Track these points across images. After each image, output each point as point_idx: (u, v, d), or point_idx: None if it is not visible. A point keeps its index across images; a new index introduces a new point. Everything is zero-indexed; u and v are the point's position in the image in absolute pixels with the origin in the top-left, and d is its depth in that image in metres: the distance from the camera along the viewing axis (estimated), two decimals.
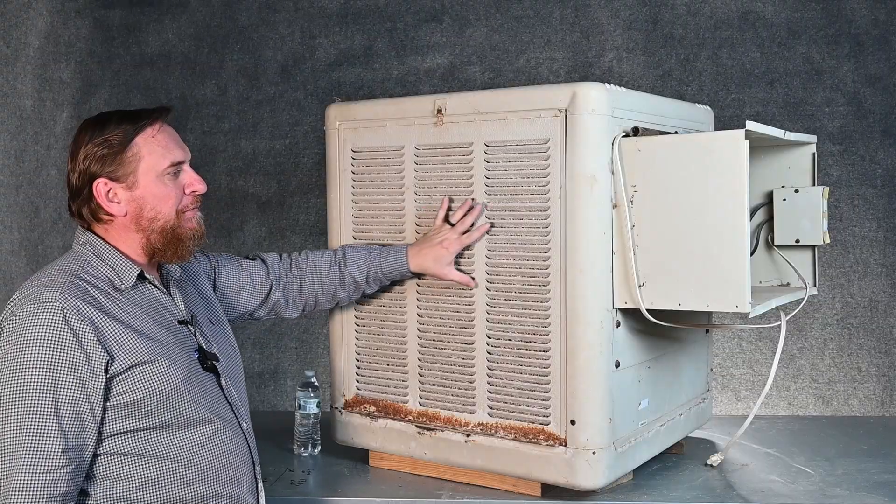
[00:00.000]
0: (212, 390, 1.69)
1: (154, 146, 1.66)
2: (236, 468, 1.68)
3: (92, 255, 1.66)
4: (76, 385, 1.50)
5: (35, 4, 3.53)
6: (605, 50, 3.53)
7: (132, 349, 1.56)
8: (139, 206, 1.66)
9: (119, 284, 1.64)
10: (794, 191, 2.28)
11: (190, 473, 1.61)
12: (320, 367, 3.49)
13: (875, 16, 3.45)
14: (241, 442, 1.72)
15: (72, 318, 1.51)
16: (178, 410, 1.60)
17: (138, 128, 1.66)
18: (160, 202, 1.67)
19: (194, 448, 1.62)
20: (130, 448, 1.57)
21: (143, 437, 1.57)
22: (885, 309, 3.48)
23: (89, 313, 1.54)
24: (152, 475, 1.57)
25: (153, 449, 1.58)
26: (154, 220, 1.67)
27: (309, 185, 3.63)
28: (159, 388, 1.57)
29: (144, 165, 1.65)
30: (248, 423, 1.76)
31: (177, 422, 1.60)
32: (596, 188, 1.88)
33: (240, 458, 1.70)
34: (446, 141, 2.06)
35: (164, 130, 1.69)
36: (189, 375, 1.63)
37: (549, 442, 1.95)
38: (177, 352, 1.64)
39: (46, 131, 3.56)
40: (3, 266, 3.44)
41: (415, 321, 2.13)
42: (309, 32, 3.62)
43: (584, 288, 1.89)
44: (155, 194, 1.66)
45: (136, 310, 1.63)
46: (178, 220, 1.68)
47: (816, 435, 2.51)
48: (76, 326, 1.51)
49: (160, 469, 1.58)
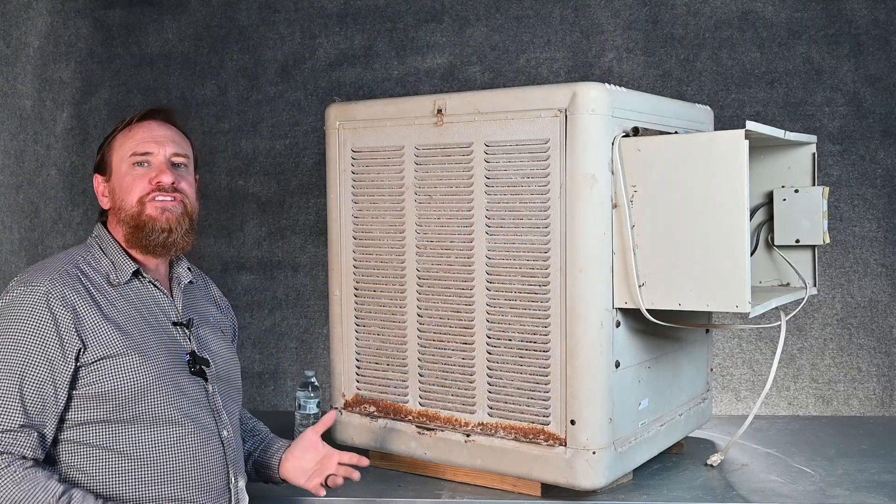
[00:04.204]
0: (194, 394, 1.68)
1: (126, 139, 1.74)
2: (204, 475, 1.66)
3: (98, 247, 1.73)
4: (45, 367, 1.56)
5: (35, 4, 3.53)
6: (605, 50, 3.53)
7: (105, 341, 1.60)
8: (114, 196, 1.74)
9: (114, 279, 1.68)
10: (794, 191, 2.28)
11: (151, 472, 1.61)
12: (320, 367, 3.49)
13: (875, 16, 3.45)
14: (217, 450, 1.69)
15: (55, 303, 1.58)
16: (147, 408, 1.61)
17: (126, 123, 1.76)
18: (124, 191, 1.73)
19: (159, 448, 1.62)
20: (94, 440, 1.58)
21: (108, 430, 1.59)
22: (885, 309, 3.48)
23: (73, 301, 1.60)
24: (113, 469, 1.59)
25: (116, 443, 1.59)
26: (121, 209, 1.72)
27: (309, 185, 3.63)
28: (127, 382, 1.59)
29: (116, 157, 1.74)
30: (230, 433, 1.73)
31: (145, 419, 1.61)
32: (596, 188, 1.88)
33: (210, 465, 1.68)
34: (446, 141, 2.06)
35: (146, 125, 1.75)
36: (164, 375, 1.64)
37: (549, 442, 1.95)
38: (156, 350, 1.65)
39: (46, 131, 3.56)
40: (3, 266, 3.44)
41: (415, 321, 2.13)
42: (309, 32, 3.62)
43: (584, 288, 1.89)
44: (121, 184, 1.73)
45: (126, 305, 1.67)
46: (139, 208, 1.71)
47: (816, 435, 2.51)
48: (57, 312, 1.57)
49: (121, 464, 1.59)
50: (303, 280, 3.63)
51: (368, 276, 2.21)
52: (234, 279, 3.64)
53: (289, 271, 3.63)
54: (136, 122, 1.75)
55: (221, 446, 1.71)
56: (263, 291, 3.64)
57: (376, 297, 2.19)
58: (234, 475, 1.72)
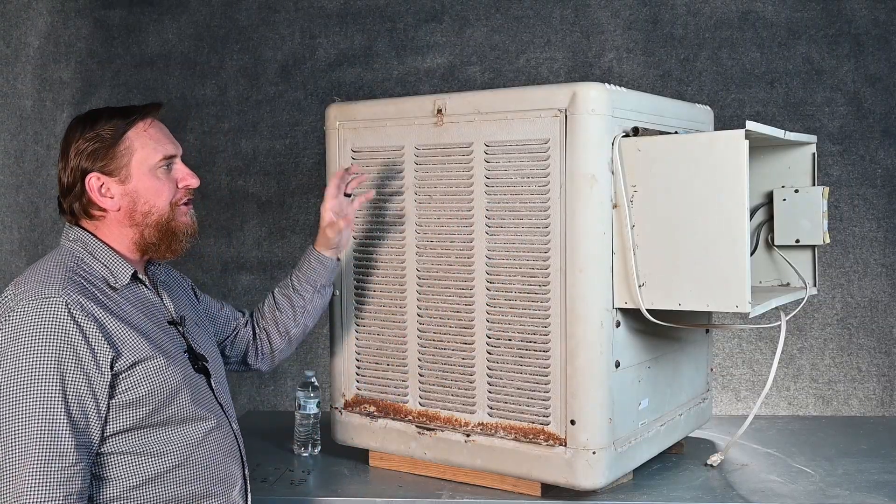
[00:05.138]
0: (204, 391, 1.69)
1: (146, 139, 1.66)
2: (229, 468, 1.68)
3: (84, 252, 1.63)
4: (83, 380, 1.48)
5: (35, 4, 3.53)
6: (605, 50, 3.53)
7: (135, 346, 1.55)
8: (132, 199, 1.65)
9: (114, 283, 1.61)
10: (794, 191, 2.28)
11: (184, 472, 1.60)
12: (320, 367, 3.49)
13: (875, 16, 3.45)
14: (233, 442, 1.72)
15: (76, 312, 1.49)
16: (178, 408, 1.60)
17: (130, 122, 1.66)
18: (154, 196, 1.66)
19: (191, 446, 1.61)
20: (128, 447, 1.55)
21: (142, 435, 1.56)
22: (885, 309, 3.48)
23: (91, 309, 1.52)
24: (148, 474, 1.56)
25: (150, 446, 1.57)
26: (148, 213, 1.66)
27: (309, 185, 3.63)
28: (162, 385, 1.57)
29: (137, 159, 1.65)
30: (236, 425, 1.76)
31: (175, 419, 1.59)
32: (596, 188, 1.88)
33: (231, 458, 1.70)
34: (446, 141, 2.05)
35: (156, 125, 1.70)
36: (185, 375, 1.63)
37: (549, 442, 1.95)
38: (173, 351, 1.64)
39: (46, 131, 3.56)
40: (3, 266, 3.44)
41: (415, 321, 2.13)
42: (309, 32, 3.62)
43: (584, 288, 1.89)
44: (148, 188, 1.65)
45: (132, 309, 1.62)
46: (171, 213, 1.67)
47: (816, 435, 2.51)
48: (81, 321, 1.49)
49: (156, 467, 1.57)
50: None
51: (368, 276, 2.21)
52: (234, 279, 3.64)
53: (289, 271, 3.64)
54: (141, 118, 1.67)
55: (235, 439, 1.73)
56: (263, 291, 3.64)
57: (376, 297, 2.19)
58: (247, 465, 1.76)
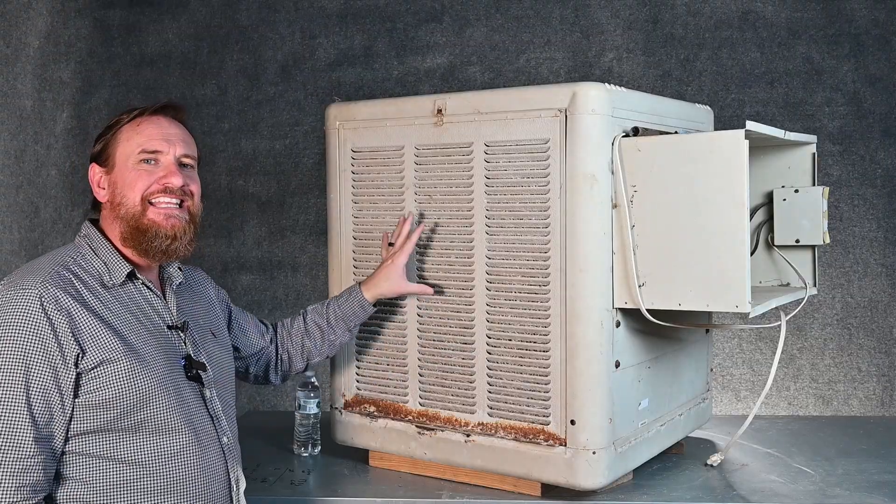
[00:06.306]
0: (192, 400, 1.63)
1: (133, 133, 1.66)
2: (206, 484, 1.61)
3: (88, 248, 1.63)
4: (48, 373, 1.47)
5: (35, 4, 3.53)
6: (605, 50, 3.53)
7: (104, 345, 1.52)
8: (113, 190, 1.65)
9: (108, 281, 1.60)
10: (794, 191, 2.28)
11: (155, 482, 1.55)
12: (320, 367, 3.49)
13: (875, 16, 3.45)
14: (218, 458, 1.65)
15: (49, 306, 1.48)
16: (149, 415, 1.55)
17: (133, 116, 1.67)
18: (127, 188, 1.64)
19: (163, 457, 1.56)
20: (96, 450, 1.52)
21: (111, 440, 1.53)
22: (885, 309, 3.48)
23: (67, 304, 1.51)
24: (116, 480, 1.52)
25: (119, 453, 1.53)
26: (121, 205, 1.64)
27: (309, 185, 3.63)
28: (131, 388, 1.53)
29: (120, 150, 1.65)
30: (229, 439, 1.69)
31: (146, 427, 1.55)
32: (596, 188, 1.88)
33: (212, 474, 1.63)
34: (446, 141, 2.06)
35: (156, 122, 1.68)
36: (164, 381, 1.58)
37: (549, 442, 1.95)
38: (154, 356, 1.58)
39: (46, 131, 3.56)
40: (3, 266, 3.44)
41: (415, 321, 2.13)
42: (309, 32, 3.62)
43: (584, 288, 1.89)
44: (124, 179, 1.64)
45: (121, 308, 1.59)
46: (141, 208, 1.64)
47: (816, 435, 2.51)
48: (52, 315, 1.48)
49: (124, 474, 1.53)
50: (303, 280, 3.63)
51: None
52: (234, 279, 3.64)
53: (289, 271, 3.64)
54: (145, 114, 1.67)
55: (222, 453, 1.66)
56: (263, 291, 3.65)
57: None
58: (236, 482, 1.68)
